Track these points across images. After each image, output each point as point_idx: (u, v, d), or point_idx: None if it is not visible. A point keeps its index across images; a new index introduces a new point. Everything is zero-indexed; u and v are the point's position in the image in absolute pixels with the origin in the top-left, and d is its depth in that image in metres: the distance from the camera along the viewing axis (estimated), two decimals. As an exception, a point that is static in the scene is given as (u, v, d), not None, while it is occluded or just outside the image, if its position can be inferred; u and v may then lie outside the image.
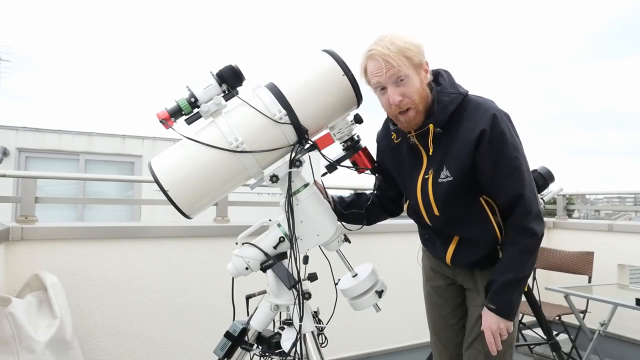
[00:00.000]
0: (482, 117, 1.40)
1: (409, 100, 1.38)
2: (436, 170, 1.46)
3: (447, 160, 1.43)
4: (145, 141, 8.32)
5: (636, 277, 3.73)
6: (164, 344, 2.48)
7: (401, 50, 1.35)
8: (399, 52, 1.35)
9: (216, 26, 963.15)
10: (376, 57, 1.36)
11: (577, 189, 4.79)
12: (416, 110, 1.41)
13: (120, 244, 2.42)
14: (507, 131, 1.40)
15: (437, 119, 1.42)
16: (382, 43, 1.36)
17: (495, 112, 1.40)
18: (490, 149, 1.38)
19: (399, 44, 1.36)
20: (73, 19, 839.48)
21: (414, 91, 1.38)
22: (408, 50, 1.36)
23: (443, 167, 1.44)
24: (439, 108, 1.42)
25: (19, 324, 1.78)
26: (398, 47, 1.35)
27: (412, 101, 1.39)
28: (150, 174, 1.39)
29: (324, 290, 1.54)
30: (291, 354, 1.37)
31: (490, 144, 1.38)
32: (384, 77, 1.37)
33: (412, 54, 1.37)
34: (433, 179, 1.46)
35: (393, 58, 1.34)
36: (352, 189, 3.10)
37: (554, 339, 2.59)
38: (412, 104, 1.39)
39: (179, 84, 2.38)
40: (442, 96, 1.43)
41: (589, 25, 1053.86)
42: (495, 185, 1.44)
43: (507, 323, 1.45)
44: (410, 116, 1.41)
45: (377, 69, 1.37)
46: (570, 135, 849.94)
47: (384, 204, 1.72)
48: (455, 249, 1.56)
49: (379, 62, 1.36)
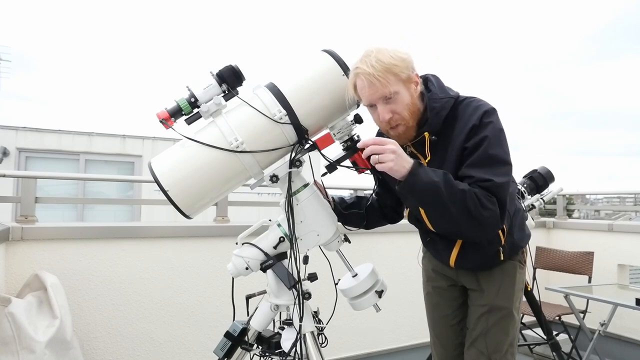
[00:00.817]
0: (472, 114, 1.39)
1: (399, 116, 1.38)
2: None
3: (444, 165, 1.43)
4: (145, 141, 8.32)
5: (636, 277, 3.74)
6: (164, 344, 2.48)
7: (387, 68, 1.33)
8: (385, 70, 1.33)
9: (216, 26, 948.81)
10: (361, 77, 1.34)
11: (577, 189, 4.79)
12: (406, 126, 1.40)
13: (120, 244, 2.42)
14: (494, 122, 1.38)
15: (431, 126, 1.42)
16: (368, 61, 1.33)
17: (486, 109, 1.39)
18: (475, 134, 1.37)
19: (384, 61, 1.33)
20: (73, 19, 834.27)
21: (404, 107, 1.37)
22: (395, 66, 1.34)
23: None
24: (431, 115, 1.41)
25: (19, 324, 1.78)
26: (384, 65, 1.32)
27: (402, 117, 1.38)
28: (150, 174, 1.39)
29: (324, 290, 1.54)
30: (291, 354, 1.37)
31: (477, 130, 1.37)
32: (372, 97, 1.36)
33: (398, 70, 1.34)
34: None
35: (379, 77, 1.32)
36: (352, 189, 3.11)
37: (554, 339, 2.59)
38: (402, 120, 1.39)
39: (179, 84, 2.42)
40: (433, 102, 1.42)
41: (588, 25, 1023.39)
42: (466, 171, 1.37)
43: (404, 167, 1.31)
44: (399, 131, 1.41)
45: (364, 88, 1.36)
46: (569, 135, 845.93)
47: (384, 210, 1.71)
48: (458, 253, 1.56)
49: (365, 82, 1.34)
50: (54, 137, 7.90)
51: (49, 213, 6.64)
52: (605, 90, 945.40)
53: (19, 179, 3.34)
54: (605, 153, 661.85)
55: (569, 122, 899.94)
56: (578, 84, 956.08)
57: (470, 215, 1.30)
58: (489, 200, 1.32)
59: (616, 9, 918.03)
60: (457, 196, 1.29)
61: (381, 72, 1.32)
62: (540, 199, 2.81)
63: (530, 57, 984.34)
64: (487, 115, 1.39)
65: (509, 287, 1.56)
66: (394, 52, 1.36)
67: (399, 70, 1.35)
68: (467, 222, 1.32)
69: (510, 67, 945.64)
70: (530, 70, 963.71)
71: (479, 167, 1.35)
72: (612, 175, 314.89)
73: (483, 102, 1.43)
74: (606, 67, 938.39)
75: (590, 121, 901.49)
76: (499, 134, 1.39)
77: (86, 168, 7.85)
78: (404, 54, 1.38)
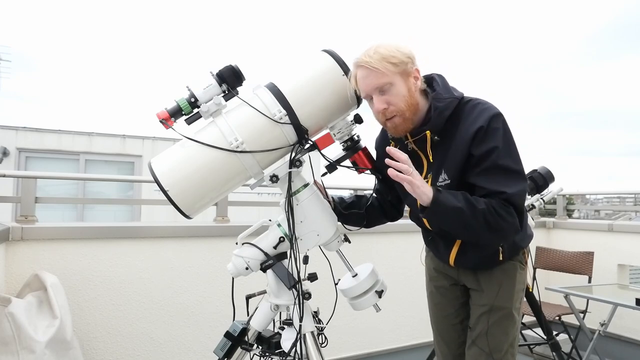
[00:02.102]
0: (479, 115, 1.39)
1: (394, 108, 1.38)
2: (435, 175, 1.46)
3: (445, 164, 1.43)
4: (145, 141, 8.32)
5: (636, 277, 3.74)
6: (164, 344, 2.48)
7: (384, 57, 1.34)
8: (382, 59, 1.34)
9: (216, 26, 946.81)
10: (359, 64, 1.37)
11: (577, 189, 4.79)
12: (402, 117, 1.40)
13: (120, 244, 2.42)
14: (503, 130, 1.38)
15: (433, 125, 1.42)
16: (367, 52, 1.37)
17: (494, 113, 1.39)
18: (482, 141, 1.36)
19: (382, 52, 1.35)
20: (73, 19, 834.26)
21: (400, 99, 1.38)
22: (392, 57, 1.35)
23: (442, 170, 1.44)
24: (434, 114, 1.41)
25: (19, 324, 1.78)
26: (381, 55, 1.35)
27: (398, 109, 1.38)
28: (150, 174, 1.39)
29: (324, 290, 1.54)
30: (291, 354, 1.37)
31: (484, 137, 1.36)
32: (368, 87, 1.37)
33: (396, 61, 1.35)
34: (432, 183, 1.46)
35: (375, 65, 1.33)
36: (352, 189, 3.11)
37: (554, 339, 2.59)
38: (397, 112, 1.39)
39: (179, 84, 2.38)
40: (437, 102, 1.41)
41: (588, 25, 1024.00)
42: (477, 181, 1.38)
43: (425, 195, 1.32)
44: (396, 122, 1.41)
45: (362, 78, 1.37)
46: (569, 135, 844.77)
47: (384, 208, 1.71)
48: (458, 251, 1.56)
49: (363, 71, 1.36)
50: (54, 137, 7.90)
51: (49, 213, 6.64)
52: (605, 90, 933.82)
53: (19, 179, 3.34)
54: (605, 153, 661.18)
55: (569, 122, 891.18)
56: (578, 84, 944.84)
57: (490, 228, 1.34)
58: (507, 211, 1.35)
59: (616, 9, 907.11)
60: (478, 216, 1.33)
61: (378, 60, 1.34)
62: (540, 199, 2.81)
63: (530, 57, 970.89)
64: (495, 120, 1.38)
65: (509, 287, 1.57)
66: (394, 46, 1.38)
67: (397, 61, 1.35)
68: (487, 234, 1.37)
69: (511, 67, 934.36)
70: (530, 70, 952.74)
71: (491, 179, 1.37)
72: (612, 175, 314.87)
73: (489, 105, 1.42)
74: (606, 67, 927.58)
75: (590, 121, 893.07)
76: (508, 141, 1.38)
77: (86, 168, 7.84)
78: (404, 48, 1.39)
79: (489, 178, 1.37)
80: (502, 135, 1.37)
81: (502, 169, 1.36)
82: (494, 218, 1.33)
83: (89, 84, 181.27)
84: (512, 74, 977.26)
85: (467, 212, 1.32)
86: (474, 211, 1.32)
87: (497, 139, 1.36)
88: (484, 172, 1.37)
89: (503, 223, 1.34)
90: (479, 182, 1.38)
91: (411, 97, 1.39)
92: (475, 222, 1.33)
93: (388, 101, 1.38)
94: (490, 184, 1.36)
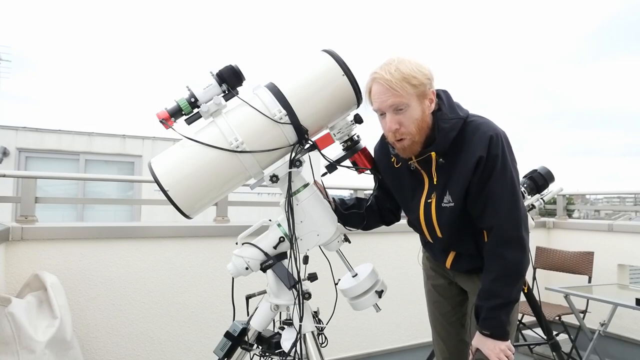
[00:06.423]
0: (479, 141, 1.38)
1: (405, 130, 1.37)
2: (439, 195, 1.46)
3: (449, 185, 1.43)
4: (145, 141, 8.32)
5: (636, 277, 3.73)
6: (164, 344, 2.48)
7: (405, 77, 1.32)
8: (403, 80, 1.32)
9: (216, 26, 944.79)
10: (379, 82, 1.35)
11: (577, 189, 4.79)
12: (412, 141, 1.39)
13: (120, 244, 2.42)
14: (501, 155, 1.38)
15: (438, 146, 1.41)
16: (388, 68, 1.34)
17: (492, 135, 1.38)
18: (482, 174, 1.38)
19: (404, 71, 1.32)
20: (73, 19, 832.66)
21: (412, 122, 1.37)
22: (413, 78, 1.33)
23: (446, 191, 1.45)
24: (440, 135, 1.40)
25: (19, 324, 1.78)
26: (402, 74, 1.32)
27: (409, 132, 1.37)
28: (150, 174, 1.39)
29: (324, 290, 1.54)
30: (291, 354, 1.37)
31: (484, 169, 1.38)
32: (383, 104, 1.36)
33: (416, 82, 1.33)
34: (436, 203, 1.47)
35: (395, 86, 1.31)
36: (352, 189, 3.11)
37: (554, 339, 2.59)
38: (408, 135, 1.38)
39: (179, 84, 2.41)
40: (442, 123, 1.40)
41: (586, 24, 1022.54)
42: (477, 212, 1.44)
43: (506, 343, 1.43)
44: (405, 144, 1.40)
45: (378, 94, 1.36)
46: (569, 135, 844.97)
47: (382, 213, 1.71)
48: (454, 259, 1.59)
49: (381, 87, 1.35)
50: (54, 137, 7.90)
51: (49, 213, 6.64)
52: (605, 89, 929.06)
53: (19, 179, 3.34)
54: (605, 153, 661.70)
55: (569, 122, 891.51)
56: (577, 84, 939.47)
57: (514, 282, 1.43)
58: (513, 247, 1.40)
59: (614, 8, 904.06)
60: (511, 295, 1.42)
61: (398, 80, 1.32)
62: (540, 199, 2.81)
63: (529, 57, 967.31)
64: (494, 146, 1.37)
65: None
66: (415, 65, 1.35)
67: (417, 82, 1.34)
68: (519, 283, 1.45)
69: (510, 67, 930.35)
70: (529, 70, 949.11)
71: (492, 212, 1.40)
72: (612, 175, 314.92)
73: (490, 127, 1.41)
74: (605, 67, 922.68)
75: (590, 121, 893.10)
76: (506, 171, 1.39)
77: (86, 168, 7.84)
78: (425, 69, 1.37)
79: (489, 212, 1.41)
80: (499, 163, 1.38)
81: (502, 203, 1.39)
82: (507, 276, 1.41)
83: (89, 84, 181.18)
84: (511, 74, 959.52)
85: (508, 307, 1.42)
86: (509, 301, 1.41)
87: (496, 168, 1.38)
88: (486, 206, 1.41)
89: (517, 260, 1.40)
90: (481, 217, 1.43)
91: (423, 120, 1.39)
92: (509, 293, 1.41)
93: (400, 122, 1.36)
94: (491, 220, 1.41)
